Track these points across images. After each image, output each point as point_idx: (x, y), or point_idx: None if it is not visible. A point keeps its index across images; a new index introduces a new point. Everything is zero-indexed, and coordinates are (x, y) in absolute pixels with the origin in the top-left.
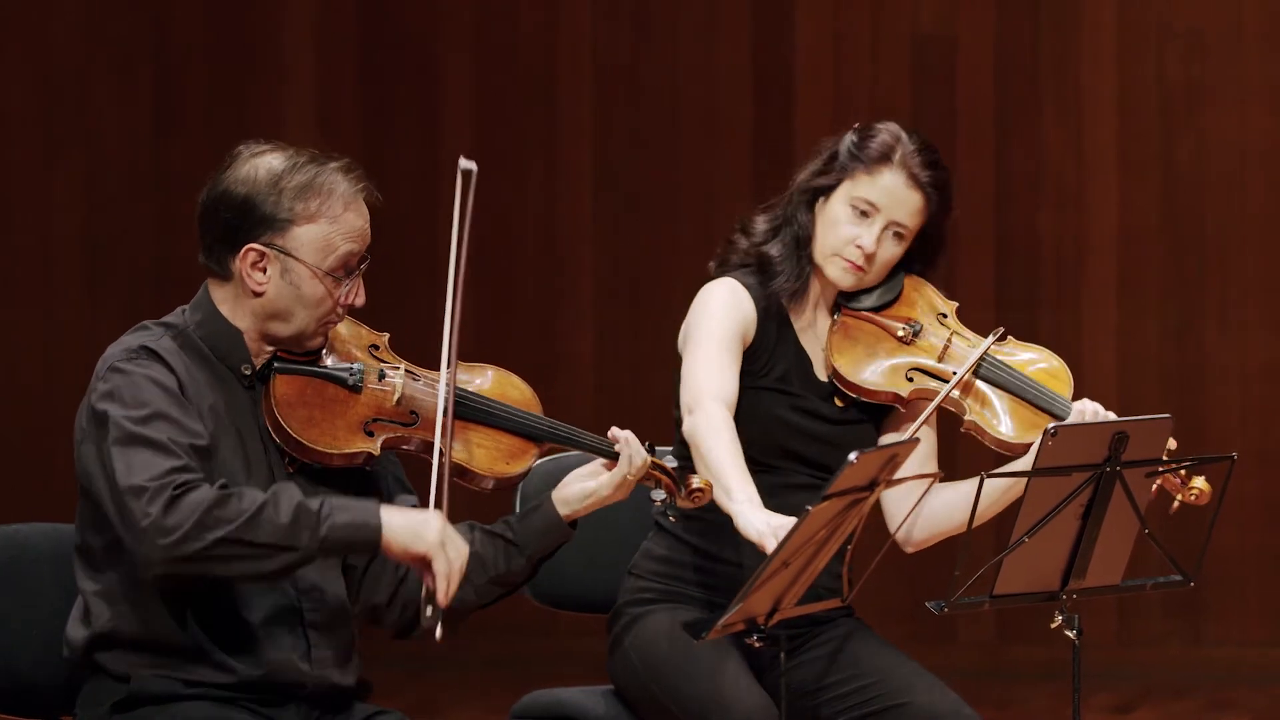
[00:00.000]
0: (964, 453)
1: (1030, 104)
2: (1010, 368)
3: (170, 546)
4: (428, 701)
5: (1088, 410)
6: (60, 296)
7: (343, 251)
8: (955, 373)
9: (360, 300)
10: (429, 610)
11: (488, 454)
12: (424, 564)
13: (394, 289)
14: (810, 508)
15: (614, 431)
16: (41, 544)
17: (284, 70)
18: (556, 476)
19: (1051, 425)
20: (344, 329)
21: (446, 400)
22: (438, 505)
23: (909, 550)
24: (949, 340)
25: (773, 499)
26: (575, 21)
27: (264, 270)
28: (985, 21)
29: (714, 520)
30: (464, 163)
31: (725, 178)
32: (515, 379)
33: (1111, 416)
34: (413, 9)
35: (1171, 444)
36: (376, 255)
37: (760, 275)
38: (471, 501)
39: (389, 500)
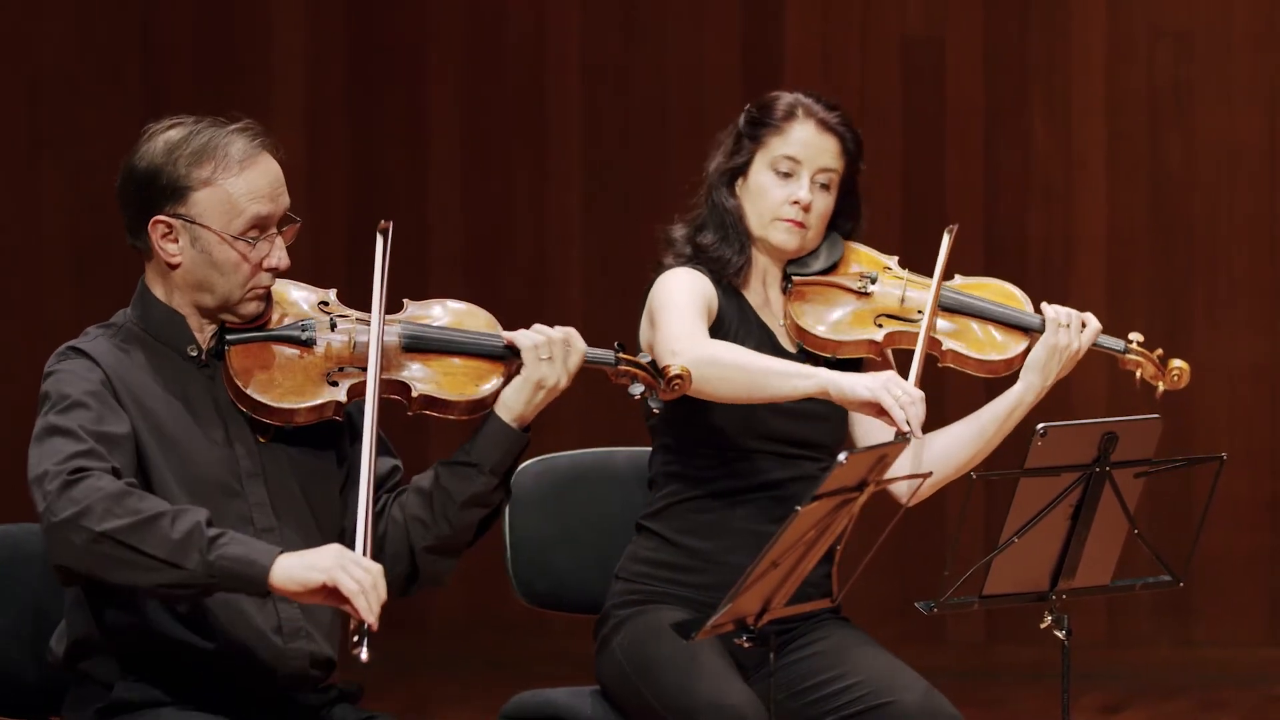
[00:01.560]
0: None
1: (1019, 104)
2: (970, 293)
3: (57, 527)
4: (418, 703)
5: (1060, 315)
6: (49, 297)
7: (250, 214)
8: (921, 312)
9: (281, 263)
10: (355, 637)
11: (452, 380)
12: (333, 595)
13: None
14: (799, 508)
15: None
16: (32, 544)
17: (272, 73)
18: (548, 477)
19: (1041, 425)
20: (290, 292)
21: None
22: (366, 541)
23: (910, 504)
24: (904, 285)
25: (758, 483)
26: (564, 21)
27: (175, 241)
28: (974, 22)
29: (698, 519)
30: (383, 224)
31: None
32: (472, 307)
33: (1093, 321)
34: (401, 11)
35: (1139, 336)
36: (364, 258)
37: (699, 261)
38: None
39: (376, 459)
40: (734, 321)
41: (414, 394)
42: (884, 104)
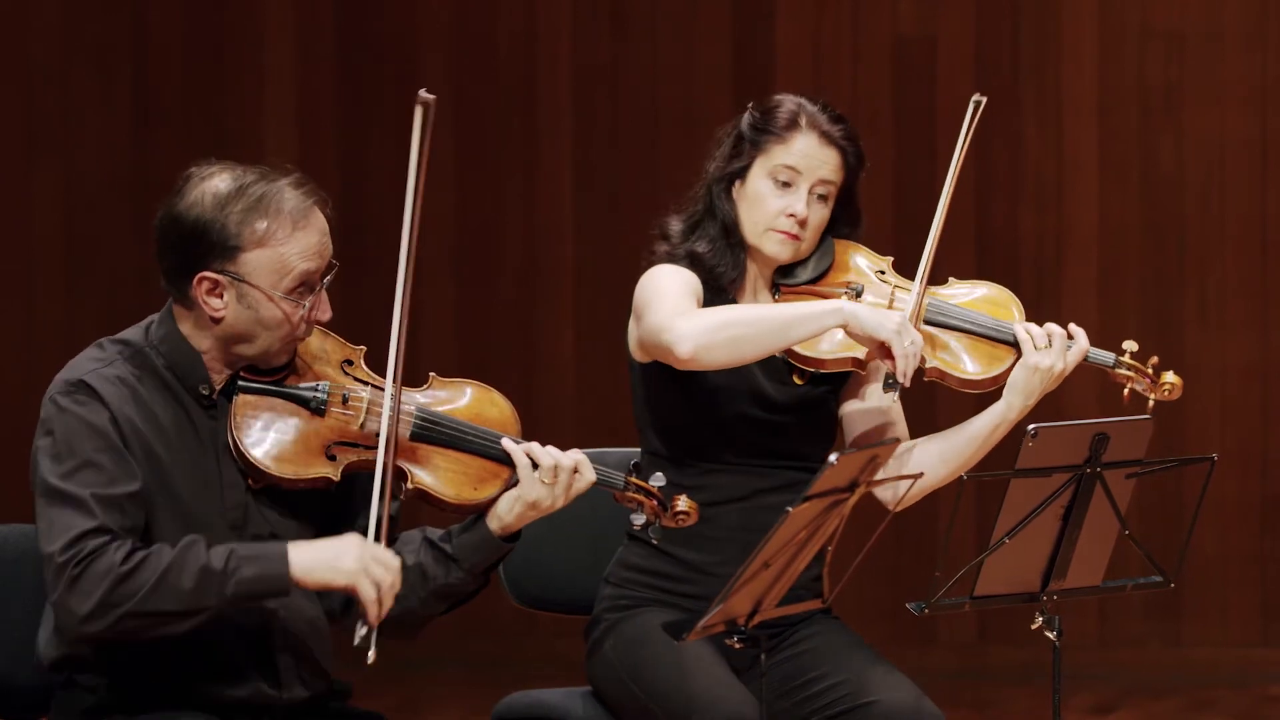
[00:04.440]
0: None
1: (1011, 104)
2: (955, 306)
3: (77, 625)
4: (408, 703)
5: (1037, 335)
6: (41, 297)
7: (299, 271)
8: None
9: (325, 316)
10: (362, 631)
11: (453, 479)
12: (351, 592)
13: (372, 294)
14: (790, 509)
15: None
16: (20, 545)
17: (263, 72)
18: None
19: (1032, 426)
20: (316, 343)
21: (391, 412)
22: (378, 531)
23: (894, 509)
24: (892, 295)
25: (744, 494)
26: (555, 21)
27: (220, 296)
28: (965, 22)
29: (688, 527)
30: (424, 94)
31: None
32: (495, 397)
33: (1081, 337)
34: (391, 10)
35: (1132, 345)
36: (354, 258)
37: (694, 268)
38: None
39: (367, 505)
40: None
41: (408, 485)
42: (875, 103)
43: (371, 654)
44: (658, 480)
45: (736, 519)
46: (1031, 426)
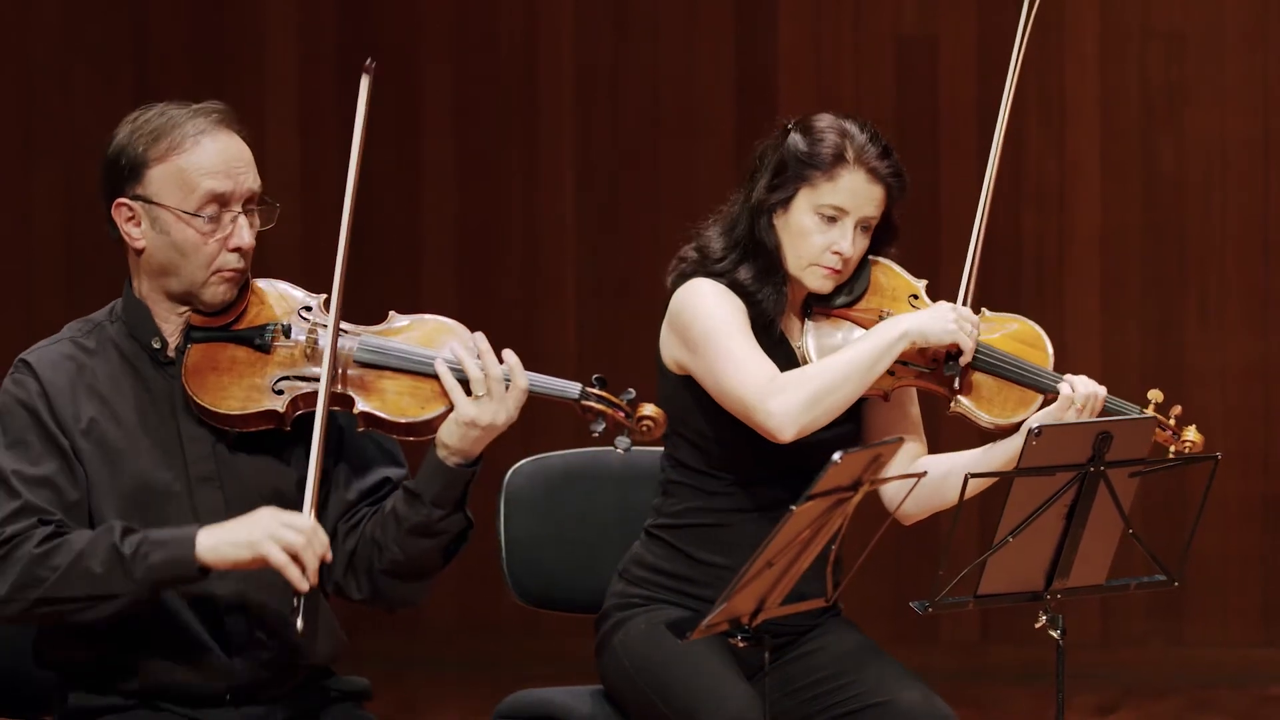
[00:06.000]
0: (946, 436)
1: (1012, 104)
2: (989, 347)
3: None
4: (408, 703)
5: (1077, 395)
6: (41, 297)
7: (205, 189)
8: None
9: (245, 242)
10: (294, 601)
11: (399, 399)
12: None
13: (373, 294)
14: (794, 508)
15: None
16: None
17: (264, 72)
18: (541, 477)
19: (1036, 426)
20: (275, 293)
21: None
22: (315, 497)
23: (906, 523)
24: None
25: (773, 508)
26: (556, 22)
27: (138, 224)
28: (967, 22)
29: (713, 533)
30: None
31: (707, 179)
32: (449, 324)
33: (1103, 391)
34: (393, 11)
35: (1157, 395)
36: (353, 258)
37: (736, 293)
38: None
39: (365, 471)
40: (759, 342)
41: (356, 409)
42: (877, 104)
43: (300, 623)
44: (628, 395)
45: (761, 526)
46: (1035, 425)
